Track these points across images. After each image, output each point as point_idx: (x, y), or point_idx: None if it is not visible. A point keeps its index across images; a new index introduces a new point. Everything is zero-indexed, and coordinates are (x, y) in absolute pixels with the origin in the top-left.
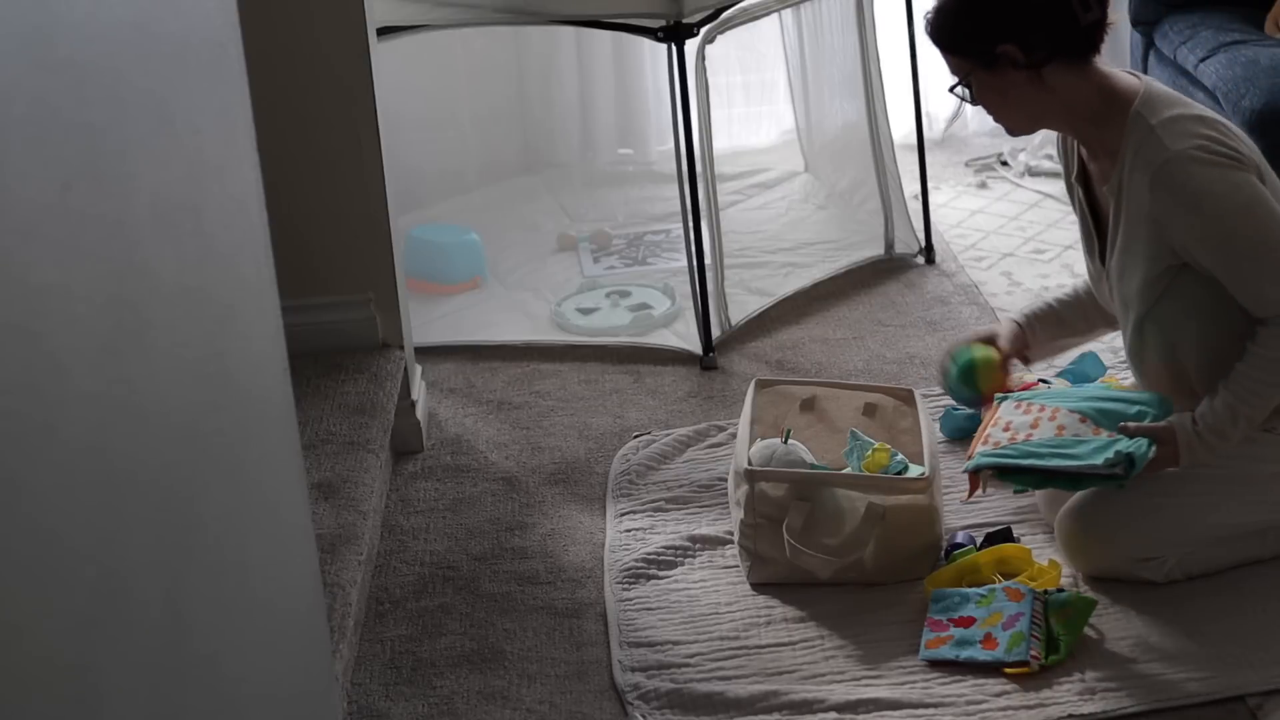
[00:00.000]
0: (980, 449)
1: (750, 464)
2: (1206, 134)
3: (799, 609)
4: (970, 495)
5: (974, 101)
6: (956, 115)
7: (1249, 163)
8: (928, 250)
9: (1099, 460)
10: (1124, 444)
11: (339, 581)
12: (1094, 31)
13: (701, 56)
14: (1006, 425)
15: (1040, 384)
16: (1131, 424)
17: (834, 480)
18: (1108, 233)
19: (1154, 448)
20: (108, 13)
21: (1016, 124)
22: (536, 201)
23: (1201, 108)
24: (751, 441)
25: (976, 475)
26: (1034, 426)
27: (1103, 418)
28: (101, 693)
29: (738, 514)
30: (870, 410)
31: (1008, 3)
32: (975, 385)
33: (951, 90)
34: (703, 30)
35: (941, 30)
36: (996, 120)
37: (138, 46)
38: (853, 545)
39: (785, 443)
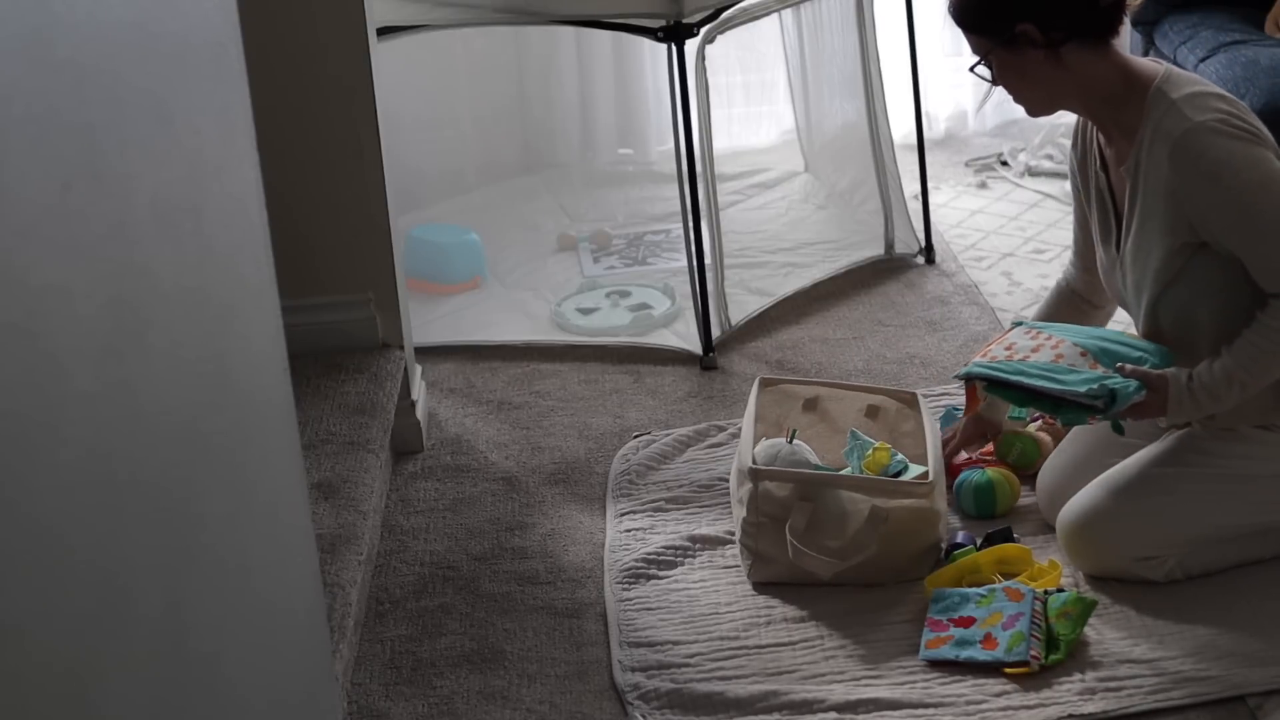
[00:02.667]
0: (976, 360)
1: (754, 463)
2: (1227, 109)
3: (799, 609)
4: (970, 410)
5: (995, 81)
6: (987, 97)
7: (1267, 141)
8: (928, 250)
9: (1082, 389)
10: (1112, 380)
11: (339, 581)
12: (1113, 13)
13: (701, 56)
14: (1009, 345)
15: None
16: (1128, 366)
17: (838, 482)
18: (1124, 218)
19: (1142, 392)
20: (108, 13)
21: (1035, 104)
22: (536, 201)
23: (1221, 89)
24: (755, 440)
25: (972, 386)
26: (1034, 350)
27: (1103, 355)
28: (101, 693)
29: (740, 512)
30: (873, 412)
31: None
32: (993, 506)
33: (972, 69)
34: (703, 30)
35: (964, 9)
36: (1016, 100)
37: (138, 46)
38: (856, 548)
39: (790, 442)
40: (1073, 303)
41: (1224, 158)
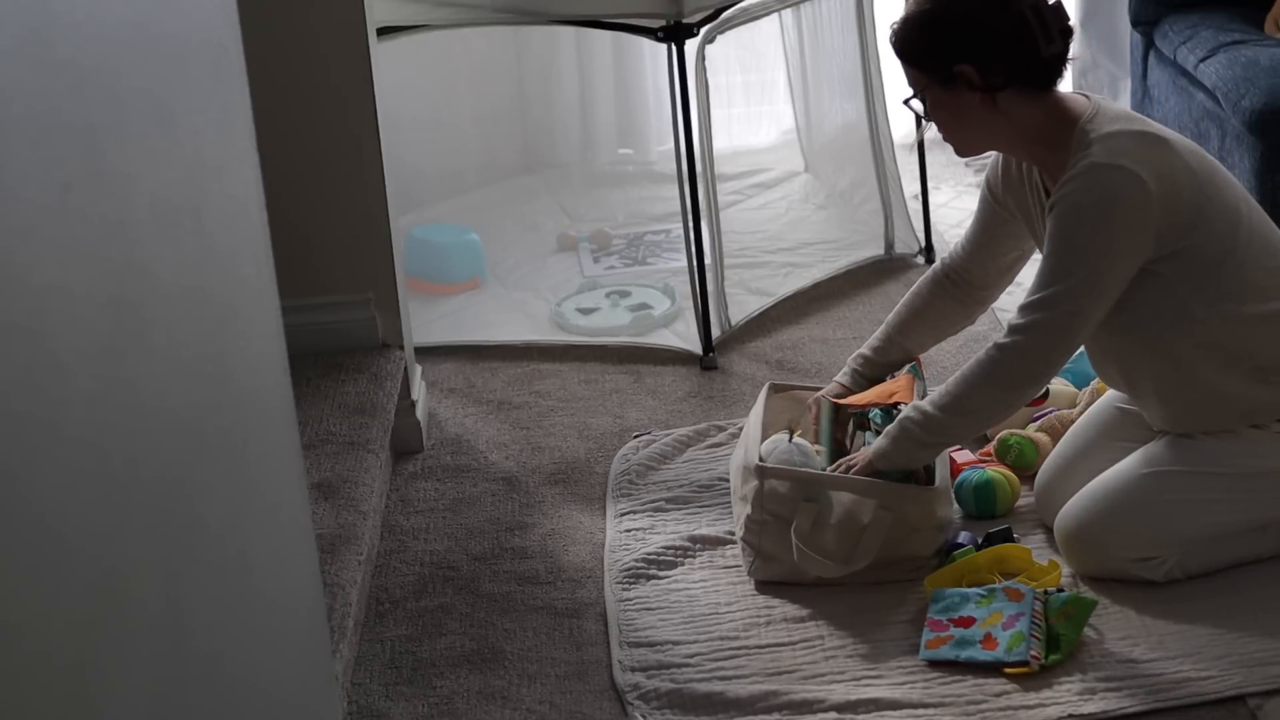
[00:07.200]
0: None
1: (762, 460)
2: (1139, 154)
3: (799, 609)
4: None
5: (927, 116)
6: (921, 130)
7: (1161, 201)
8: (928, 250)
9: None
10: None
11: (339, 581)
12: (1055, 64)
13: (701, 56)
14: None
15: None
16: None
17: (843, 484)
18: None
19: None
20: (107, 13)
21: (966, 144)
22: (536, 201)
23: (1154, 127)
24: (761, 441)
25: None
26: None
27: None
28: (101, 693)
29: (743, 510)
30: None
31: (970, 25)
32: (993, 506)
33: (906, 103)
34: (703, 30)
35: (904, 42)
36: (946, 139)
37: (138, 46)
38: (860, 554)
39: (791, 440)
40: (947, 290)
41: (1093, 200)
